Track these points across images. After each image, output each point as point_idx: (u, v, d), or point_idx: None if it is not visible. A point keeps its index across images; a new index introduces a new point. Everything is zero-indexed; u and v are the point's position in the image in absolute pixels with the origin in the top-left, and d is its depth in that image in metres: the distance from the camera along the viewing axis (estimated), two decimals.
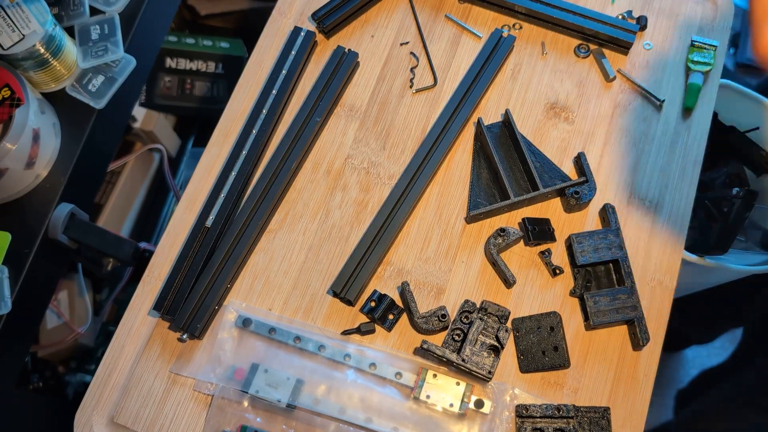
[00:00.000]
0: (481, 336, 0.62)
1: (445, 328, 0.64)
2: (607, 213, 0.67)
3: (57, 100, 0.80)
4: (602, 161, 0.71)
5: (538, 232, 0.66)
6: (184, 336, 0.62)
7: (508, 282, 0.65)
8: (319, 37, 0.76)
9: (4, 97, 0.73)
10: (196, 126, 1.24)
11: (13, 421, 0.85)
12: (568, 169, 0.70)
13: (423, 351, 0.61)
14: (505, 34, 0.74)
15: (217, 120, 0.73)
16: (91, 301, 1.05)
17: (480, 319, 0.63)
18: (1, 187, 0.75)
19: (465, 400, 0.61)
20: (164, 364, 0.63)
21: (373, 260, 0.65)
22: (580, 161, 0.69)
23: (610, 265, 0.66)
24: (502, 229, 0.66)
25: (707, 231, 0.99)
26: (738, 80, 0.98)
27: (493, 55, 0.73)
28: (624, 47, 0.74)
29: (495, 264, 0.65)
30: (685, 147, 0.72)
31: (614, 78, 0.74)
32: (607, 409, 0.61)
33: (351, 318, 0.64)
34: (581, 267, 0.66)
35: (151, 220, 1.16)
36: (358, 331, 0.63)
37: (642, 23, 0.76)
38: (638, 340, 0.63)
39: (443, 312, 0.63)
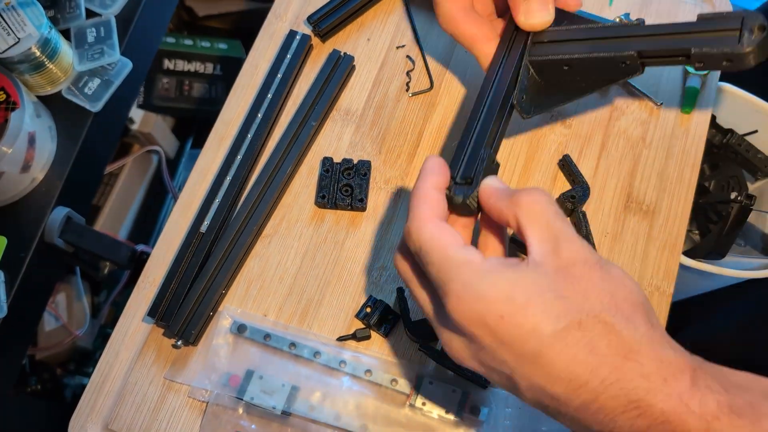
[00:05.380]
0: None
1: None
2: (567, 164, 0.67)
3: (53, 104, 0.80)
4: (599, 165, 0.70)
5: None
6: (179, 342, 0.62)
7: None
8: (315, 40, 0.75)
9: None
10: (195, 127, 1.25)
11: (11, 423, 0.86)
12: (554, 171, 0.70)
13: (419, 357, 0.61)
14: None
15: (214, 122, 0.73)
16: (89, 303, 1.05)
17: None
18: None
19: (461, 406, 0.60)
20: (159, 371, 0.62)
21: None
22: (566, 163, 0.68)
23: None
24: None
25: (705, 235, 0.99)
26: None
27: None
28: None
29: None
30: (683, 150, 0.71)
31: None
32: None
33: (347, 324, 0.64)
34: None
35: (149, 221, 1.17)
36: (354, 337, 0.63)
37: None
38: None
39: None
